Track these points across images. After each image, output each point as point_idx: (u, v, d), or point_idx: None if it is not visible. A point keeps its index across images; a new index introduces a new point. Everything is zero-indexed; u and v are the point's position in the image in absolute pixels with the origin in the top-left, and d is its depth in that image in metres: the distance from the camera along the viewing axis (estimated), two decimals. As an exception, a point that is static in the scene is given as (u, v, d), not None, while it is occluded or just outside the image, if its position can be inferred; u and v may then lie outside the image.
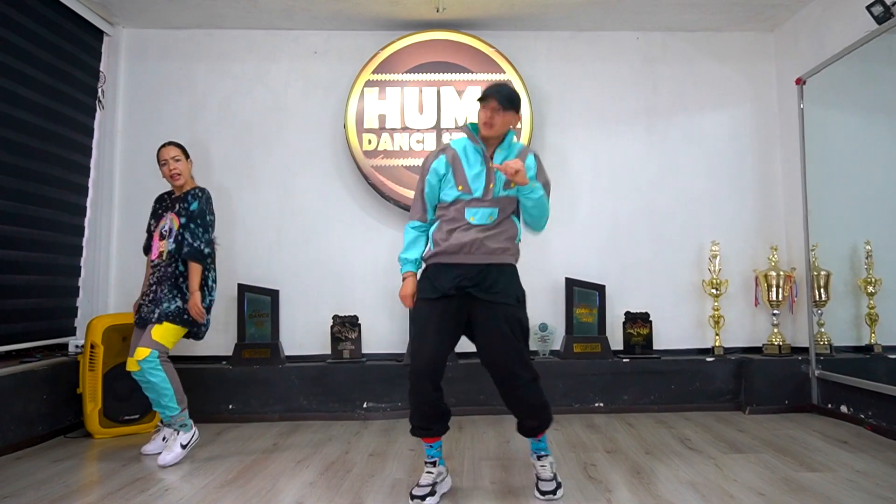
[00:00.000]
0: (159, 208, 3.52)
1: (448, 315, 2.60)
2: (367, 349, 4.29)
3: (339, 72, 4.54)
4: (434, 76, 4.44)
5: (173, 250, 3.31)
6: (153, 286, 3.33)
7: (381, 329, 4.42)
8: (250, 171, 4.52)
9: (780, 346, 4.24)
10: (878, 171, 3.65)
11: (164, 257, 3.33)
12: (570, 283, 4.37)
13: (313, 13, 4.34)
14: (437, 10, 4.27)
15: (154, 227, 3.48)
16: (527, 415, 2.61)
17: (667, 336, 4.44)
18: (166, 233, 3.37)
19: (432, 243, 2.70)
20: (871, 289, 3.76)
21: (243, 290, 4.25)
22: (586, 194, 4.57)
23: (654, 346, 4.34)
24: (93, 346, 3.62)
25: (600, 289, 4.36)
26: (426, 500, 2.54)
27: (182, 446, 3.17)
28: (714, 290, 4.36)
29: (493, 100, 2.60)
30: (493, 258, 2.62)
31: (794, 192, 4.35)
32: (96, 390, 3.62)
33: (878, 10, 3.42)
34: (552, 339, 4.36)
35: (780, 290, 4.27)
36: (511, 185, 2.60)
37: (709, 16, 4.43)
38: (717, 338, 4.36)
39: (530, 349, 4.23)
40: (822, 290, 4.05)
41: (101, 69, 4.33)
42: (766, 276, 4.30)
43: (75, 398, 3.71)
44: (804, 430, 3.61)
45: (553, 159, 4.55)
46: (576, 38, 4.66)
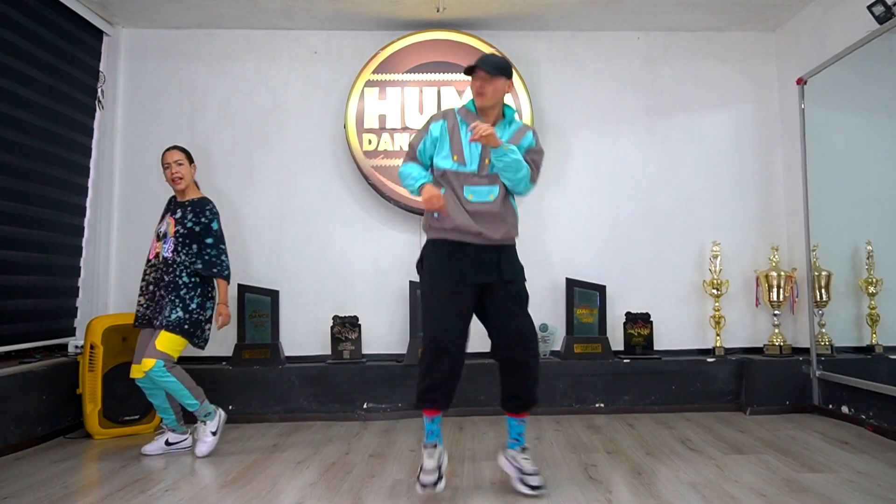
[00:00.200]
0: (165, 211, 3.52)
1: (469, 292, 2.63)
2: (368, 350, 4.29)
3: (339, 72, 4.54)
4: (434, 76, 4.43)
5: (170, 259, 3.30)
6: (150, 286, 3.33)
7: (382, 329, 4.41)
8: (250, 172, 4.51)
9: (780, 346, 4.24)
10: (880, 171, 3.65)
11: (160, 260, 3.33)
12: (571, 284, 4.36)
13: (313, 13, 4.34)
14: (438, 10, 4.27)
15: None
16: (526, 389, 2.64)
17: (667, 336, 4.43)
18: (161, 234, 3.37)
19: (433, 218, 2.68)
20: (872, 289, 3.75)
21: (243, 290, 4.24)
22: (587, 194, 4.57)
23: (655, 347, 4.34)
24: (92, 347, 3.62)
25: (601, 289, 4.35)
26: (438, 486, 2.52)
27: (213, 433, 3.28)
28: (715, 291, 4.35)
29: (480, 70, 2.63)
30: (499, 242, 2.65)
31: (795, 192, 4.34)
32: (96, 391, 3.61)
33: (879, 9, 3.41)
34: (553, 340, 4.35)
35: (780, 291, 4.27)
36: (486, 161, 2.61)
37: (710, 16, 4.42)
38: (718, 338, 4.35)
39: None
40: (823, 290, 4.04)
41: (101, 69, 4.33)
42: (767, 277, 4.30)
43: (75, 399, 3.70)
44: (805, 430, 3.61)
45: (553, 159, 4.55)
46: (576, 38, 4.66)
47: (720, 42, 4.66)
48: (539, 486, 2.58)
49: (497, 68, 2.64)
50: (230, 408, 4.00)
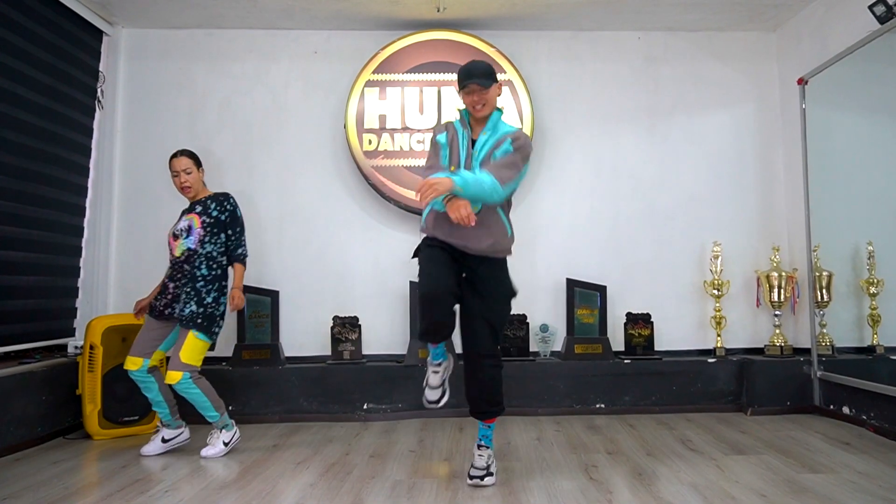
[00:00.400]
0: (182, 215, 3.51)
1: (455, 260, 2.70)
2: (368, 350, 4.28)
3: (339, 72, 4.53)
4: (435, 76, 4.42)
5: (194, 250, 3.31)
6: (168, 282, 3.36)
7: (382, 330, 4.41)
8: (250, 172, 4.50)
9: (781, 346, 4.23)
10: (881, 172, 3.64)
11: (182, 253, 3.32)
12: (571, 284, 4.35)
13: (313, 13, 4.33)
14: (438, 10, 4.26)
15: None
16: (478, 399, 2.75)
17: (668, 337, 4.43)
18: (181, 232, 3.35)
19: (425, 222, 2.79)
20: (873, 289, 3.74)
21: (243, 290, 4.23)
22: (587, 194, 4.56)
23: (656, 347, 4.33)
24: (92, 347, 3.61)
25: (601, 289, 4.35)
26: (441, 402, 2.82)
27: (224, 443, 3.29)
28: (715, 291, 4.34)
29: (474, 83, 2.66)
30: (483, 253, 2.70)
31: (795, 192, 4.34)
32: (95, 391, 3.61)
33: (880, 9, 3.40)
34: (553, 340, 4.34)
35: (781, 291, 4.26)
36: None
37: (710, 15, 4.41)
38: (719, 339, 4.34)
39: (531, 349, 4.27)
40: (823, 290, 4.04)
41: (101, 69, 4.32)
42: (768, 277, 4.29)
43: (74, 399, 3.70)
44: (806, 431, 3.60)
45: (554, 159, 4.55)
46: (577, 37, 4.65)
47: (721, 42, 4.66)
48: (474, 477, 2.71)
49: (488, 77, 2.70)
50: (230, 408, 3.98)
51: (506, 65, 4.43)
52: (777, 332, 4.29)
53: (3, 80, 3.45)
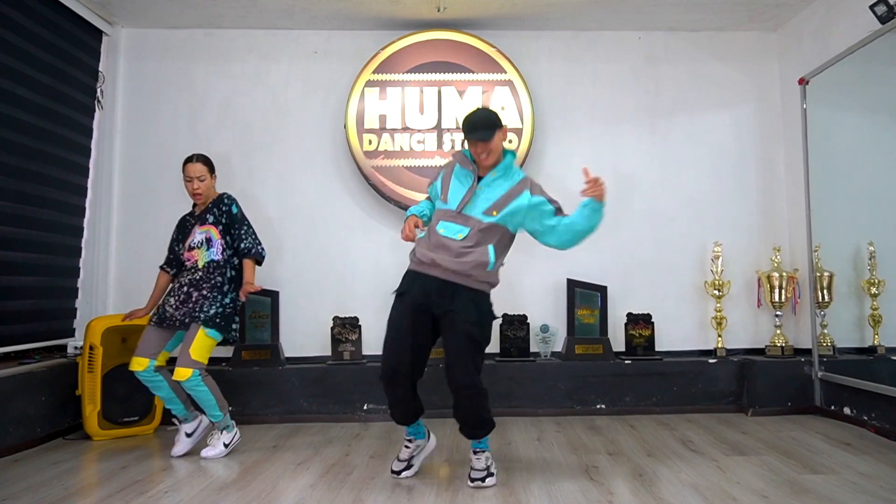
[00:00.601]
0: (182, 228, 3.50)
1: (420, 317, 2.73)
2: (368, 350, 4.27)
3: (339, 72, 4.53)
4: (435, 76, 4.42)
5: (217, 260, 3.32)
6: (185, 287, 3.31)
7: (382, 331, 4.30)
8: (250, 172, 4.50)
9: (782, 347, 4.22)
10: (882, 172, 3.64)
11: (199, 265, 3.32)
12: (572, 284, 4.35)
13: (313, 13, 4.32)
14: (438, 10, 4.26)
15: (181, 244, 3.46)
16: (465, 423, 2.76)
17: (669, 337, 4.42)
18: (199, 244, 3.34)
19: (413, 251, 2.86)
20: (874, 290, 3.74)
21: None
22: (588, 195, 4.55)
23: (656, 348, 4.32)
24: (92, 348, 3.61)
25: (602, 290, 4.34)
26: (402, 474, 2.84)
27: (225, 444, 3.28)
28: (716, 292, 4.34)
29: (478, 136, 2.71)
30: (454, 278, 2.70)
31: (796, 192, 4.33)
32: (95, 392, 3.60)
33: (881, 9, 3.39)
34: (554, 341, 4.34)
35: (782, 292, 4.25)
36: (493, 212, 2.71)
37: (711, 15, 4.41)
38: (720, 339, 4.34)
39: (532, 350, 4.25)
40: (825, 291, 4.03)
41: (100, 69, 4.31)
42: (769, 277, 4.28)
43: (74, 400, 3.69)
44: (807, 432, 3.59)
45: (554, 160, 4.55)
46: (577, 37, 4.64)
47: (722, 42, 4.65)
48: (476, 479, 2.72)
49: (490, 129, 2.72)
50: (230, 409, 3.98)
51: (506, 65, 4.43)
52: (778, 332, 4.29)
53: (2, 80, 3.44)
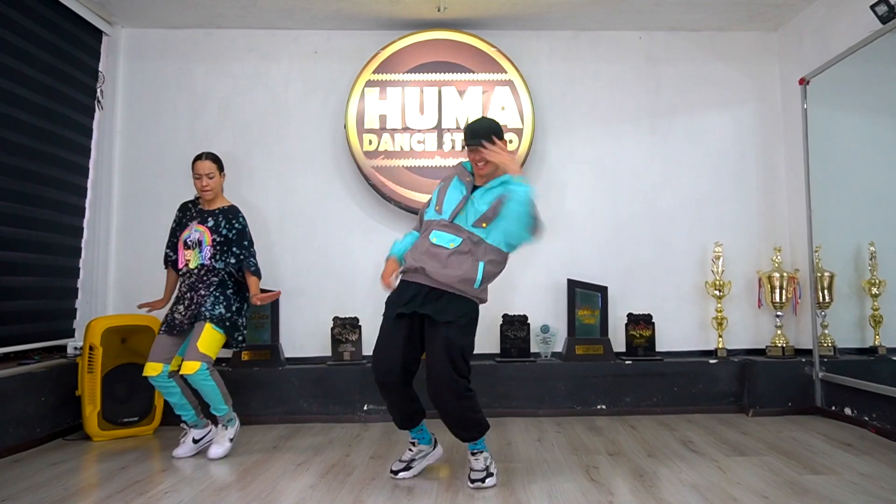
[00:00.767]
0: (183, 217, 3.50)
1: (410, 327, 2.73)
2: (368, 351, 4.21)
3: (339, 72, 4.52)
4: (435, 76, 4.41)
5: (207, 265, 3.33)
6: (188, 293, 3.33)
7: (382, 330, 4.39)
8: (250, 172, 4.49)
9: (783, 347, 4.22)
10: (883, 172, 3.63)
11: (197, 267, 3.33)
12: (573, 285, 4.34)
13: (313, 13, 4.32)
14: (439, 10, 4.25)
15: (178, 233, 3.46)
16: (452, 426, 2.73)
17: (669, 338, 4.41)
18: (193, 243, 3.36)
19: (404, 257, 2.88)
20: (875, 290, 3.73)
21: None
22: (588, 195, 4.55)
23: (657, 348, 4.32)
24: (91, 348, 3.60)
25: (602, 290, 4.34)
26: (399, 475, 2.86)
27: (230, 440, 3.31)
28: (717, 292, 4.33)
29: (478, 143, 2.71)
30: (441, 287, 2.69)
31: (797, 192, 4.33)
32: (95, 392, 3.60)
33: (882, 9, 3.39)
34: (554, 341, 4.33)
35: (783, 292, 4.25)
36: (482, 224, 2.71)
37: (712, 15, 4.40)
38: (720, 339, 4.33)
39: (532, 350, 4.26)
40: (825, 291, 4.03)
41: (100, 69, 4.31)
42: (770, 278, 4.28)
43: (74, 400, 3.69)
44: (808, 432, 3.59)
45: (555, 160, 4.54)
46: (578, 37, 4.64)
47: (722, 42, 4.65)
48: (476, 480, 2.71)
49: (491, 135, 2.73)
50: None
51: (506, 65, 4.42)
52: (778, 332, 4.28)
53: (2, 80, 3.44)
